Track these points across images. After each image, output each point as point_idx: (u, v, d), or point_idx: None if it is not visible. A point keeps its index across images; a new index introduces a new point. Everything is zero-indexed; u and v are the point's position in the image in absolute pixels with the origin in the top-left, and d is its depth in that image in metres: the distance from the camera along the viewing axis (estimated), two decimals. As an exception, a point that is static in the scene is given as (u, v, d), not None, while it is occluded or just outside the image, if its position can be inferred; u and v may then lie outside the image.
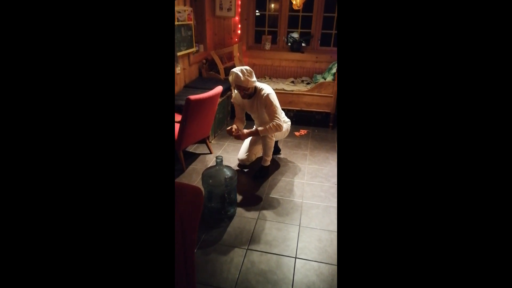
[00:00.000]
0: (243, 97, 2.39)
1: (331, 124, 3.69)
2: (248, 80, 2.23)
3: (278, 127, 2.33)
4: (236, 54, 3.75)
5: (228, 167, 2.13)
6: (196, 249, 1.78)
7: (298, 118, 3.79)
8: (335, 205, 2.24)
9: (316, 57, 3.99)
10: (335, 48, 4.05)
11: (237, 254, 1.76)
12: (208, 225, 2.00)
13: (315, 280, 1.60)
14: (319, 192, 2.39)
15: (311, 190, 2.42)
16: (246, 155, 2.67)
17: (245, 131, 2.36)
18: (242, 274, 1.63)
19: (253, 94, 2.39)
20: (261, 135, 2.39)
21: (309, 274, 1.64)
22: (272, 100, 2.32)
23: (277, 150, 2.96)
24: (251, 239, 1.89)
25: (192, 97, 2.25)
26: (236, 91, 2.44)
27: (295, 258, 1.74)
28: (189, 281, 1.27)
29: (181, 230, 1.10)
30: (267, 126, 2.32)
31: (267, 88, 2.37)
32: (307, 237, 1.90)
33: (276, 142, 2.90)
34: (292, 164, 2.84)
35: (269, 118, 2.37)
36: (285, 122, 2.65)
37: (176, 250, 1.09)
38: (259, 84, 2.38)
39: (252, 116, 2.59)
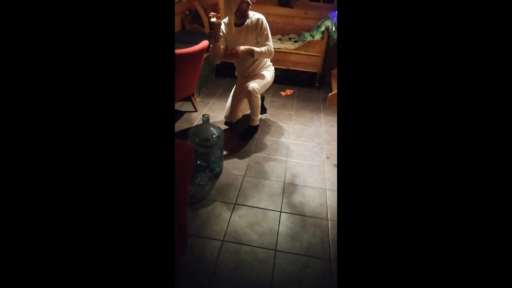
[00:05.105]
0: (238, 16, 2.28)
1: (317, 84, 3.68)
2: None
3: (271, 54, 2.35)
4: (222, 6, 3.53)
5: (214, 125, 2.12)
6: (185, 204, 1.83)
7: (285, 77, 3.74)
8: (318, 163, 2.33)
9: (305, 13, 3.83)
10: (325, 4, 3.89)
11: (225, 209, 1.84)
12: (195, 182, 2.04)
13: (299, 231, 1.71)
14: (304, 151, 2.46)
15: (296, 149, 2.48)
16: (232, 113, 2.66)
17: (242, 47, 2.29)
18: (230, 226, 1.72)
19: (244, 22, 2.33)
20: (255, 57, 2.36)
21: (293, 226, 1.75)
22: (266, 25, 2.32)
23: (263, 110, 2.95)
24: (238, 195, 1.96)
25: (177, 51, 2.15)
26: (226, 19, 2.35)
27: (280, 212, 1.84)
28: (181, 233, 1.33)
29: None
30: (262, 49, 2.30)
31: (260, 15, 2.35)
32: (291, 193, 2.00)
33: (262, 101, 2.88)
34: (278, 124, 2.87)
35: (261, 44, 2.35)
36: (270, 70, 2.62)
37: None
38: (251, 12, 2.35)
39: (232, 47, 2.42)
